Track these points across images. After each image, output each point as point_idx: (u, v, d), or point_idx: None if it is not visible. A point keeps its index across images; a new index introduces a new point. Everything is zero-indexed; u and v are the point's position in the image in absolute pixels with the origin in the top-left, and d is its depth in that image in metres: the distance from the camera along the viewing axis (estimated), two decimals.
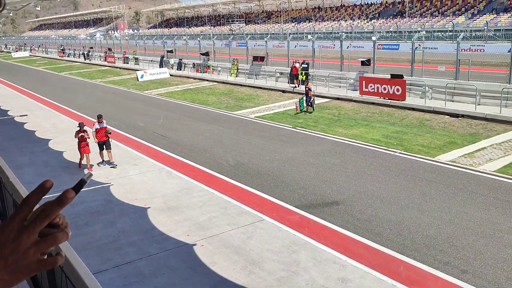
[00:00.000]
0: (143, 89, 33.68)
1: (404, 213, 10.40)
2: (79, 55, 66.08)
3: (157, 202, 11.83)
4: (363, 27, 66.04)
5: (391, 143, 16.10)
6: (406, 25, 61.70)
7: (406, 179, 12.55)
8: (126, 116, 23.63)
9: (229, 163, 14.90)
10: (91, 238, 9.92)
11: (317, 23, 78.06)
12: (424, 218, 10.13)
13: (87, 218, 10.99)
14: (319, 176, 13.12)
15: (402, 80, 22.13)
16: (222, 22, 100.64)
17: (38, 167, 15.34)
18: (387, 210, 10.63)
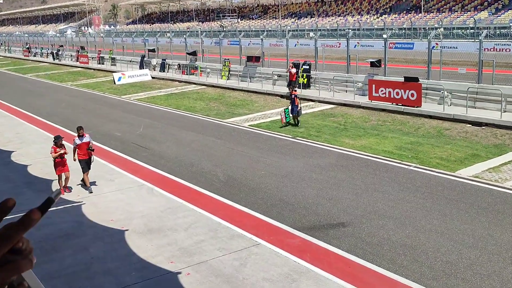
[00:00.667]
0: (121, 94, 33.68)
1: (421, 236, 10.39)
2: (47, 54, 66.11)
3: (136, 223, 11.77)
4: (372, 24, 66.58)
5: (405, 155, 16.15)
6: (422, 21, 62.26)
7: (422, 197, 12.56)
8: (101, 124, 23.58)
9: (219, 178, 14.87)
10: (59, 266, 9.84)
11: (320, 19, 78.61)
12: (444, 241, 10.12)
13: (55, 242, 10.91)
14: (323, 194, 13.11)
15: (417, 84, 22.25)
16: (211, 18, 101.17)
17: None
18: (401, 232, 10.63)
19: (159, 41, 46.30)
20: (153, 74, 41.53)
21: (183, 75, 39.00)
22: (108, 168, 16.42)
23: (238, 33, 48.82)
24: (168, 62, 41.90)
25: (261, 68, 32.39)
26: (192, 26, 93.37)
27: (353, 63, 27.19)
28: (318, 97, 26.55)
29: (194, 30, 72.50)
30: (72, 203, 13.29)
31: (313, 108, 24.96)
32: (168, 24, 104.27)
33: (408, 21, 61.91)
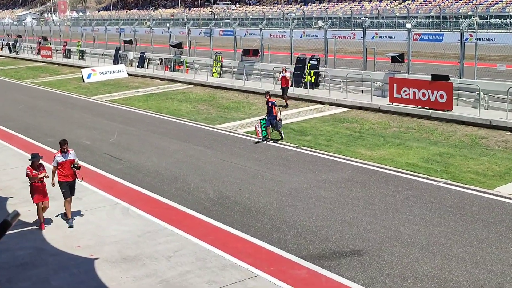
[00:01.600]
0: (91, 94, 33.69)
1: (452, 267, 10.37)
2: (2, 46, 66.23)
3: (108, 250, 11.72)
4: (393, 11, 66.87)
5: (433, 169, 16.15)
6: (453, 8, 62.54)
7: (454, 219, 12.54)
8: (67, 130, 23.54)
9: (209, 196, 14.85)
10: None
11: (331, 5, 78.94)
12: (480, 273, 10.10)
13: (11, 272, 10.86)
14: (334, 215, 13.09)
15: (447, 83, 22.30)
16: (200, 3, 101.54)
17: None
18: (429, 262, 10.60)
19: (137, 30, 46.48)
20: (130, 70, 41.58)
21: (166, 72, 39.06)
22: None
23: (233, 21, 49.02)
24: (148, 56, 41.96)
25: (259, 64, 32.46)
26: (177, 13, 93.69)
27: (371, 58, 27.25)
28: (328, 99, 26.59)
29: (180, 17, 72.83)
30: (31, 226, 13.24)
31: (322, 112, 24.99)
32: (148, 11, 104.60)
33: (437, 7, 62.19)
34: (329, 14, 66.68)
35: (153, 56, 41.60)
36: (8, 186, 16.29)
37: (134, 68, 42.23)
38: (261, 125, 20.21)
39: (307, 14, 73.95)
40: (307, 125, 22.54)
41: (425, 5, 67.37)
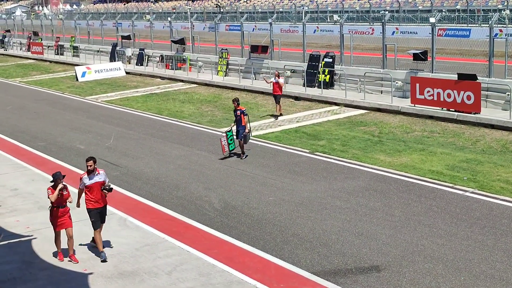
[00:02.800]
0: (85, 94, 33.82)
1: (480, 284, 10.32)
2: None
3: (103, 265, 11.74)
4: (415, 4, 66.77)
5: (459, 177, 16.09)
6: (481, 1, 62.38)
7: (482, 232, 12.48)
8: (59, 134, 23.64)
9: (213, 206, 14.85)
10: None
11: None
12: None
13: None
14: (350, 227, 13.06)
15: (475, 83, 22.23)
16: None
17: None
18: (454, 279, 10.56)
19: (136, 25, 46.63)
20: (128, 68, 41.74)
21: (167, 70, 39.17)
22: None
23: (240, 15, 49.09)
24: (147, 52, 42.11)
25: (269, 61, 32.52)
26: (179, 6, 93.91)
27: (391, 55, 27.23)
28: (344, 100, 26.58)
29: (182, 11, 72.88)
30: (19, 238, 13.27)
31: (337, 114, 24.96)
32: (147, 4, 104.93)
33: (463, 0, 62.06)
34: (345, 7, 66.61)
35: (153, 53, 41.73)
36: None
37: (133, 66, 42.36)
38: (228, 138, 18.99)
39: (321, 7, 73.86)
40: (321, 129, 22.52)
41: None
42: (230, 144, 18.96)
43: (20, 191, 16.62)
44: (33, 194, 16.19)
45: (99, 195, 11.87)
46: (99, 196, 11.88)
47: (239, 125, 18.86)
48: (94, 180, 11.75)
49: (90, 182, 11.73)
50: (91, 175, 11.76)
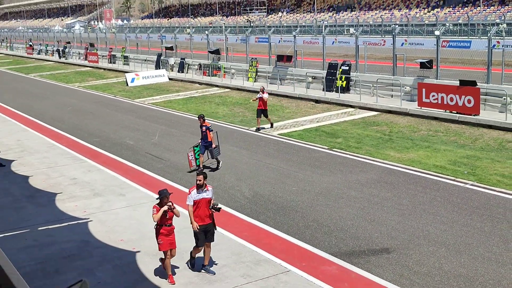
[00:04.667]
0: (134, 97, 34.11)
1: (478, 266, 10.21)
2: (53, 52, 67.50)
3: (149, 245, 11.83)
4: (423, 19, 66.09)
5: (460, 171, 15.93)
6: (480, 15, 61.54)
7: (480, 220, 12.35)
8: (111, 131, 23.89)
9: (244, 195, 14.89)
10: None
11: (362, 13, 78.46)
12: (506, 273, 9.93)
13: (58, 263, 11.06)
14: (363, 215, 13.01)
15: (475, 89, 22.00)
16: (237, 11, 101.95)
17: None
18: (455, 261, 10.46)
19: (177, 37, 46.85)
20: (171, 75, 41.98)
21: (204, 77, 39.32)
22: (119, 181, 16.61)
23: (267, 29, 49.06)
24: (187, 61, 42.30)
25: (293, 69, 32.45)
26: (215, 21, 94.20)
27: (400, 63, 27.03)
28: (358, 103, 26.45)
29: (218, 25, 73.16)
30: (77, 220, 13.46)
31: (353, 116, 24.85)
32: (188, 19, 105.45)
33: (465, 15, 61.30)
34: (360, 22, 66.26)
35: (193, 62, 41.91)
36: (57, 182, 16.61)
37: (175, 73, 42.61)
38: (195, 153, 17.29)
39: (339, 21, 73.60)
40: (338, 128, 22.45)
41: (454, 13, 66.44)
42: (197, 159, 17.28)
43: (78, 180, 16.85)
44: (89, 183, 16.41)
45: (206, 212, 10.40)
46: (206, 213, 10.41)
47: (204, 139, 17.20)
48: (202, 196, 10.36)
49: (198, 197, 10.35)
50: (199, 190, 10.36)
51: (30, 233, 12.71)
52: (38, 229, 12.95)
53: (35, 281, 10.16)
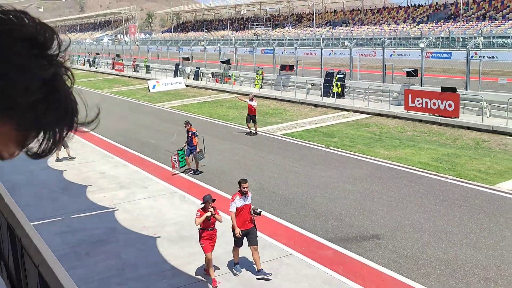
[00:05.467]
0: (155, 101, 34.18)
1: (457, 251, 10.17)
2: (84, 62, 67.73)
3: (168, 231, 11.88)
4: (409, 33, 65.82)
5: (441, 167, 15.87)
6: (460, 30, 61.23)
7: (459, 210, 12.31)
8: (135, 131, 23.95)
9: (251, 187, 14.84)
10: (92, 271, 10.01)
11: (355, 28, 78.23)
12: (482, 257, 9.88)
13: (89, 247, 11.11)
14: (356, 205, 12.99)
15: (455, 94, 21.91)
16: (245, 26, 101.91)
17: (36, 187, 15.64)
18: (437, 246, 10.43)
19: (193, 49, 46.93)
20: (187, 82, 42.04)
21: (216, 84, 39.34)
22: (141, 175, 16.66)
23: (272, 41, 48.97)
24: (202, 70, 42.35)
25: (294, 77, 32.41)
26: (226, 35, 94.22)
27: (389, 72, 26.96)
28: (352, 107, 26.39)
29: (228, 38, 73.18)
30: (105, 209, 13.52)
31: (347, 118, 24.81)
32: (202, 33, 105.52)
33: (446, 30, 61.02)
34: (354, 36, 66.08)
35: (206, 71, 41.95)
36: (87, 176, 16.68)
37: (191, 80, 42.65)
38: (179, 156, 16.44)
39: (335, 35, 73.41)
40: (334, 129, 22.42)
41: (436, 28, 66.18)
42: (181, 162, 16.45)
43: (106, 174, 16.92)
44: (116, 177, 16.48)
45: (248, 217, 9.73)
46: (247, 218, 9.73)
47: (190, 144, 16.46)
48: (245, 202, 9.71)
49: (241, 204, 9.67)
50: (243, 197, 9.69)
51: (64, 221, 12.77)
52: (71, 217, 13.01)
53: (68, 262, 10.21)
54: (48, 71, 0.88)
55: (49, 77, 0.88)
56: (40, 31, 0.88)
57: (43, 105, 0.86)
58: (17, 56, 0.84)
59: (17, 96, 0.83)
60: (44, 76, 0.87)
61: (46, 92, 0.87)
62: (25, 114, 0.85)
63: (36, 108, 0.86)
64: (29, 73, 0.85)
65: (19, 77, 0.83)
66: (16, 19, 0.87)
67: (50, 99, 0.87)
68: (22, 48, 0.85)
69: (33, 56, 0.86)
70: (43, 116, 0.87)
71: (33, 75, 0.85)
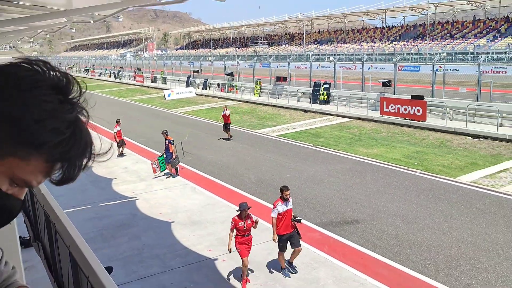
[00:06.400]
0: (170, 107, 34.15)
1: (425, 233, 10.17)
2: (110, 74, 67.63)
3: (181, 217, 11.87)
4: (384, 49, 65.78)
5: (411, 163, 15.87)
6: (427, 47, 61.21)
7: (426, 199, 12.31)
8: (153, 133, 23.89)
9: (251, 180, 14.90)
10: (116, 251, 10.00)
11: (339, 45, 78.14)
12: (445, 238, 9.88)
13: (113, 231, 11.10)
14: (339, 195, 12.99)
15: (422, 101, 21.90)
16: (246, 44, 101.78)
17: None
18: (408, 229, 10.43)
19: (202, 63, 46.91)
20: (197, 91, 42.01)
21: (222, 92, 39.32)
22: None
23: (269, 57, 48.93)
24: (209, 81, 42.32)
25: (287, 87, 32.41)
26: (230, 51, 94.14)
27: (367, 83, 26.95)
28: (336, 112, 26.37)
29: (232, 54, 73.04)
30: (127, 199, 13.51)
31: (332, 121, 24.79)
32: (210, 50, 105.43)
33: (415, 47, 60.99)
34: (338, 52, 66.02)
35: (213, 81, 41.92)
36: (112, 171, 16.66)
37: (200, 90, 42.62)
38: (159, 162, 15.62)
39: (322, 51, 73.31)
40: (321, 131, 22.40)
41: (407, 45, 66.14)
42: (161, 166, 15.58)
43: (128, 169, 16.90)
44: (136, 171, 16.46)
45: (289, 222, 8.69)
46: (289, 223, 8.68)
47: (167, 151, 15.63)
48: (287, 207, 8.69)
49: (283, 209, 8.64)
50: (284, 203, 8.69)
51: (92, 208, 12.76)
52: (98, 205, 13.00)
53: (97, 243, 10.21)
54: (72, 114, 0.89)
55: (73, 119, 0.89)
56: (61, 78, 0.90)
57: (68, 143, 0.88)
58: (47, 103, 0.85)
59: (48, 137, 0.85)
60: (70, 118, 0.88)
61: (71, 132, 0.88)
62: (53, 150, 0.86)
63: (63, 145, 0.87)
64: (57, 117, 0.86)
65: (50, 121, 0.85)
66: (40, 68, 0.88)
67: (74, 137, 0.89)
68: (50, 96, 0.86)
69: (59, 101, 0.87)
70: (68, 152, 0.89)
71: (61, 118, 0.87)
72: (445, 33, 65.71)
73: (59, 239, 2.88)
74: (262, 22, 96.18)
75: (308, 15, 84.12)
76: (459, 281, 8.24)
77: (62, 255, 2.86)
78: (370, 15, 78.62)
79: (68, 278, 2.56)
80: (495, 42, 55.77)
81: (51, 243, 3.29)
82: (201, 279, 8.68)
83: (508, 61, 38.36)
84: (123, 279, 8.66)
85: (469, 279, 8.30)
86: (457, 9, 67.12)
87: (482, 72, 21.88)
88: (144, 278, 8.76)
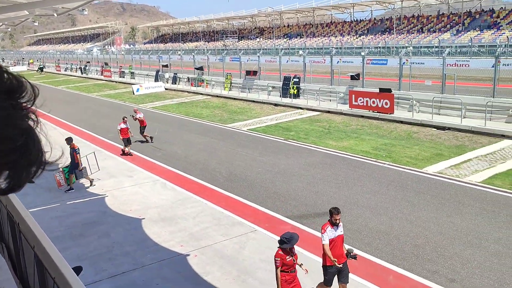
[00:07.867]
0: (139, 102, 33.61)
1: (393, 223, 10.39)
2: (76, 69, 65.99)
3: (151, 213, 11.74)
4: (352, 43, 66.60)
5: (380, 155, 16.15)
6: (394, 41, 62.31)
7: (395, 190, 12.56)
8: None
9: (222, 174, 14.85)
10: (86, 249, 9.80)
11: (308, 39, 78.63)
12: (413, 228, 10.12)
13: (82, 229, 10.88)
14: (310, 187, 13.10)
15: (390, 94, 22.27)
16: (216, 38, 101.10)
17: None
18: (377, 220, 10.62)
19: (171, 58, 46.30)
20: (166, 86, 41.50)
21: (191, 87, 38.97)
22: (127, 166, 16.39)
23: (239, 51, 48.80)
24: (179, 75, 41.87)
25: (257, 81, 32.40)
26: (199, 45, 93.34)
27: (336, 76, 27.22)
28: (306, 105, 26.55)
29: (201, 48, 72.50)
30: (96, 196, 13.25)
31: (302, 115, 24.96)
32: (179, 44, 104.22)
33: (383, 41, 61.98)
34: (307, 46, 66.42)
35: (183, 76, 41.49)
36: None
37: (169, 84, 42.11)
38: (64, 174, 13.83)
39: (291, 45, 73.61)
40: (291, 124, 22.52)
41: (375, 39, 67.13)
42: (67, 179, 13.84)
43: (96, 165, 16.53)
44: (105, 168, 16.14)
45: (341, 251, 7.34)
46: (341, 252, 7.34)
47: (72, 161, 13.78)
48: (337, 233, 7.31)
49: (334, 235, 7.27)
50: (334, 227, 7.30)
51: (60, 207, 12.46)
52: (66, 203, 12.71)
53: (65, 242, 9.98)
54: (26, 121, 0.84)
55: (27, 126, 0.84)
56: (14, 82, 0.84)
57: (20, 151, 0.83)
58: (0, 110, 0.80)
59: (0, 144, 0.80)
60: (23, 125, 0.83)
61: (23, 140, 0.83)
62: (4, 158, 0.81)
63: (14, 153, 0.82)
64: (10, 124, 0.81)
65: (2, 128, 0.79)
66: None
67: (26, 145, 0.84)
68: (3, 101, 0.80)
69: (12, 107, 0.82)
70: (18, 160, 0.83)
71: (14, 125, 0.81)
72: (411, 27, 67.05)
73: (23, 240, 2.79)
74: (231, 16, 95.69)
75: (278, 9, 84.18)
76: (426, 269, 8.46)
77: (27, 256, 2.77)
78: (338, 9, 79.38)
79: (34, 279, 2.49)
80: (458, 36, 57.30)
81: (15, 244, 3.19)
82: (173, 275, 8.62)
83: (471, 54, 39.51)
84: (92, 278, 8.50)
85: (436, 266, 8.54)
86: (422, 3, 68.57)
87: (447, 65, 22.44)
88: (114, 276, 8.63)
